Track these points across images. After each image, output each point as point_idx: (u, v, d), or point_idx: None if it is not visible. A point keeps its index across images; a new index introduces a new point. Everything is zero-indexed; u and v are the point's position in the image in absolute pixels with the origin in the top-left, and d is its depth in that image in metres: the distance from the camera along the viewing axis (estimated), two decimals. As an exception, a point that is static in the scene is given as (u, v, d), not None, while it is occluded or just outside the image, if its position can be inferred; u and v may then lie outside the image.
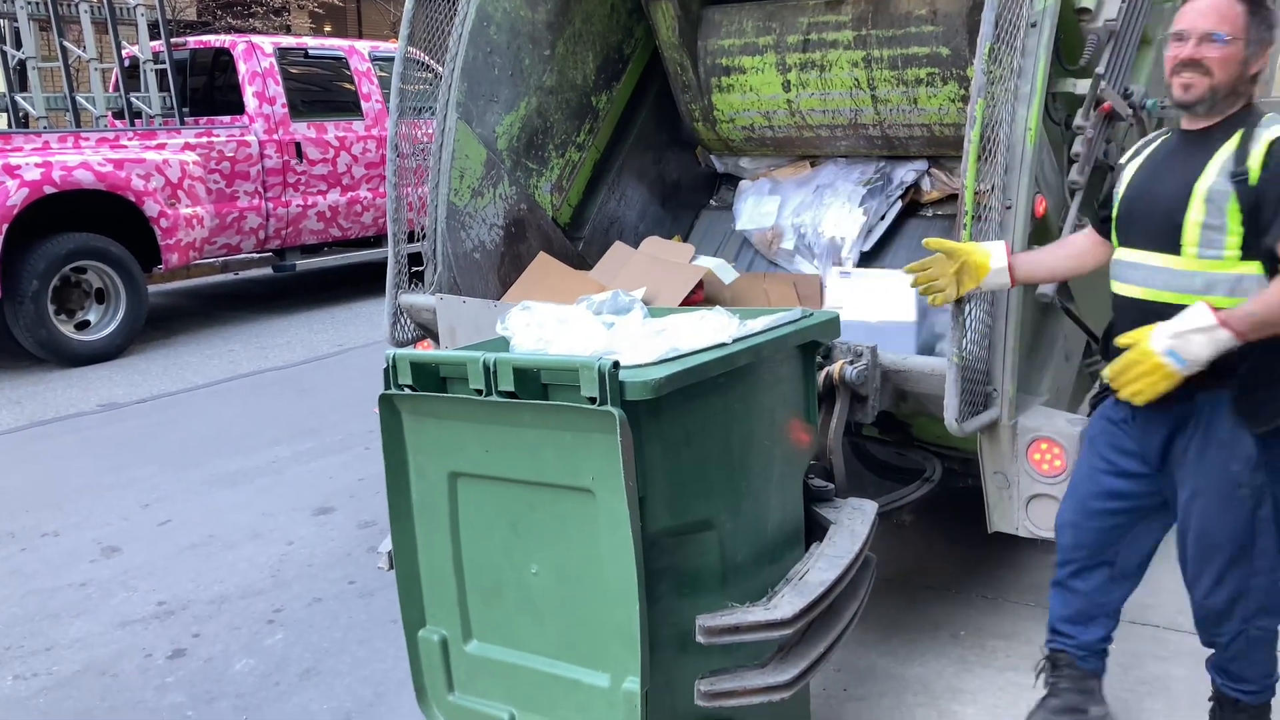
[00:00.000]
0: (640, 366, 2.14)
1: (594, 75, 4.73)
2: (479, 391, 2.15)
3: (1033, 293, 2.98)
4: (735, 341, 2.31)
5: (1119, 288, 2.53)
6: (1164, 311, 2.34)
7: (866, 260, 4.54)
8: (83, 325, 7.34)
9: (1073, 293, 3.28)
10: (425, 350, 2.34)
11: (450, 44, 4.25)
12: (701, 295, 4.42)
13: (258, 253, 9.02)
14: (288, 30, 17.76)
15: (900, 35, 4.22)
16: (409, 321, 4.17)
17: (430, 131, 4.20)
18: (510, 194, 4.40)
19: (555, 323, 2.44)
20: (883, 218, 4.58)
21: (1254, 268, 2.30)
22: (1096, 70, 2.97)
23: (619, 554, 2.02)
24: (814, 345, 2.59)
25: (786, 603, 2.24)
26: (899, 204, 4.57)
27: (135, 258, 7.49)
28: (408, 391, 2.28)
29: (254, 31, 14.88)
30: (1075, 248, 2.78)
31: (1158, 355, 2.28)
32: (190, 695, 3.17)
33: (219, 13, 17.14)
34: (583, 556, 2.12)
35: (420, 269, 4.22)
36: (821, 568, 2.38)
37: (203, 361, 7.36)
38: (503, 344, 2.50)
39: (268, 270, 10.45)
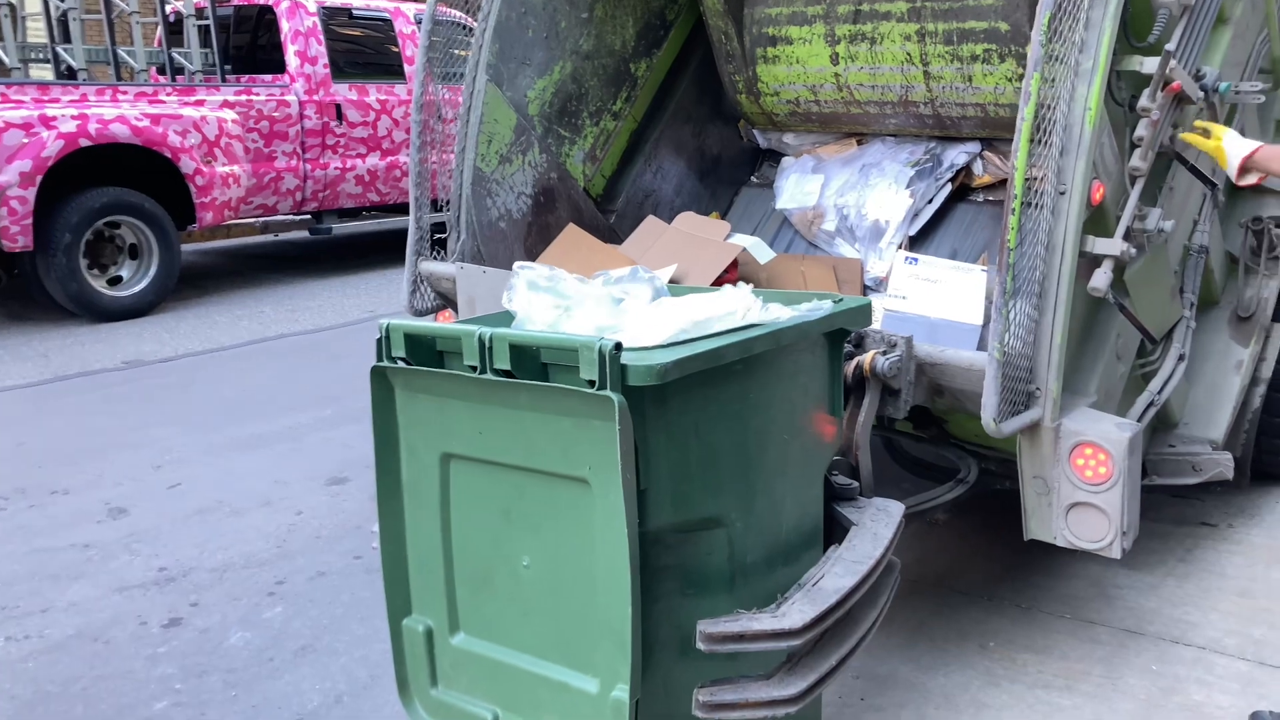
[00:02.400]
0: (646, 349, 1.97)
1: (634, 41, 4.54)
2: (474, 368, 2.00)
3: (1084, 286, 2.76)
4: (754, 326, 2.13)
5: None
6: None
7: (912, 246, 4.33)
8: (115, 281, 7.31)
9: (1129, 289, 3.06)
10: (422, 322, 2.19)
11: (483, 3, 4.08)
12: (735, 274, 4.24)
13: (294, 214, 8.95)
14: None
15: (957, 8, 3.99)
16: (429, 290, 4.03)
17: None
18: (540, 162, 4.24)
19: (564, 298, 2.27)
20: (930, 201, 4.36)
21: None
22: (1166, 47, 2.74)
23: (613, 551, 1.87)
24: (842, 333, 2.40)
25: (797, 610, 2.07)
26: (948, 187, 4.35)
27: (170, 215, 7.43)
28: (401, 365, 2.14)
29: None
30: None
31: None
32: (181, 667, 3.07)
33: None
34: (576, 551, 1.97)
35: (444, 236, 4.08)
36: (838, 573, 2.20)
37: (232, 322, 7.30)
38: (508, 318, 2.34)
39: (304, 233, 10.39)
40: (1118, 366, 3.10)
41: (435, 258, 4.08)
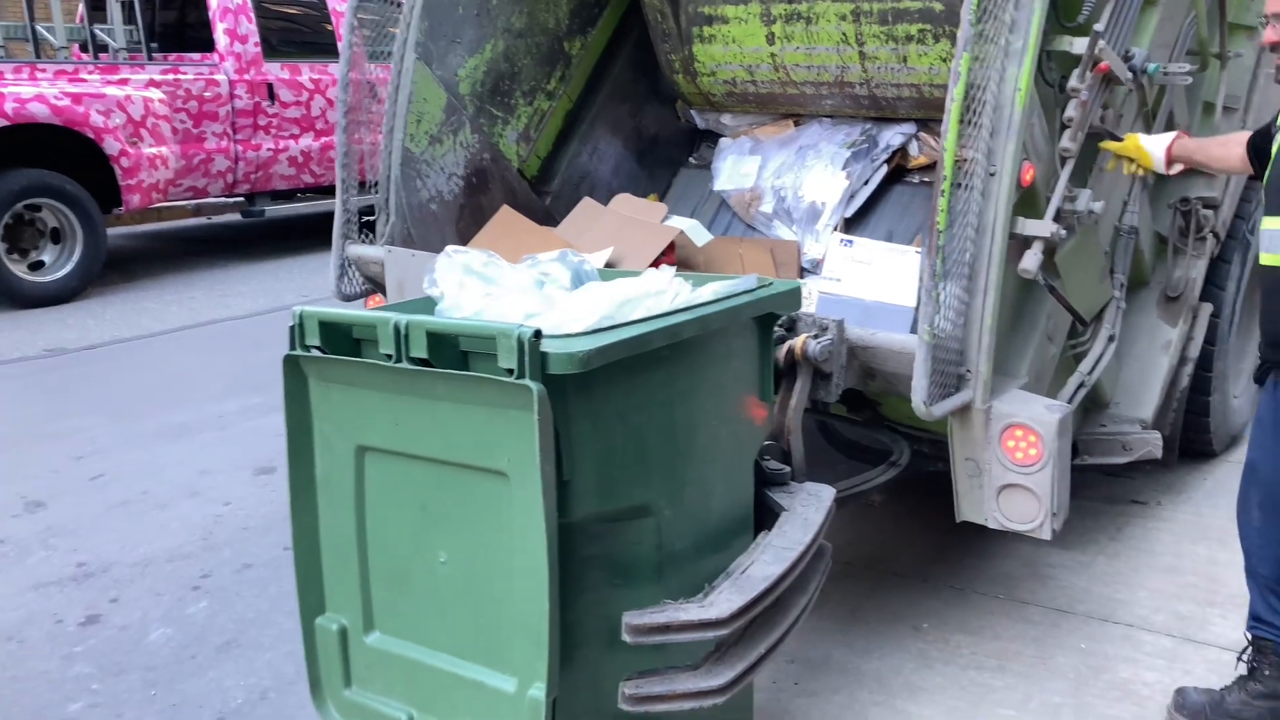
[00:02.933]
0: (569, 336, 1.92)
1: (567, 19, 4.46)
2: (389, 357, 1.93)
3: (1014, 268, 2.76)
4: (681, 311, 2.09)
5: (1267, 258, 2.50)
6: None
7: (848, 227, 4.31)
8: (37, 266, 7.07)
9: (1060, 270, 3.06)
10: (338, 308, 2.11)
11: (411, -21, 3.99)
12: (673, 258, 4.20)
13: (226, 197, 8.72)
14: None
15: (892, -13, 3.96)
16: (357, 274, 3.94)
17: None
18: (472, 142, 4.15)
19: (488, 283, 2.21)
20: (866, 182, 4.34)
21: None
22: (1095, 27, 2.73)
23: (531, 546, 1.82)
24: (772, 317, 2.37)
25: (725, 599, 2.04)
26: (884, 168, 4.33)
27: (95, 198, 7.20)
28: (315, 353, 2.07)
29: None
30: (1235, 151, 2.79)
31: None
32: (99, 666, 2.97)
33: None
34: (494, 547, 1.92)
35: (374, 219, 3.99)
36: (767, 560, 2.17)
37: (161, 308, 7.10)
38: (430, 304, 2.27)
39: (237, 216, 10.15)
40: (1049, 348, 3.11)
41: (364, 241, 3.99)
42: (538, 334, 1.80)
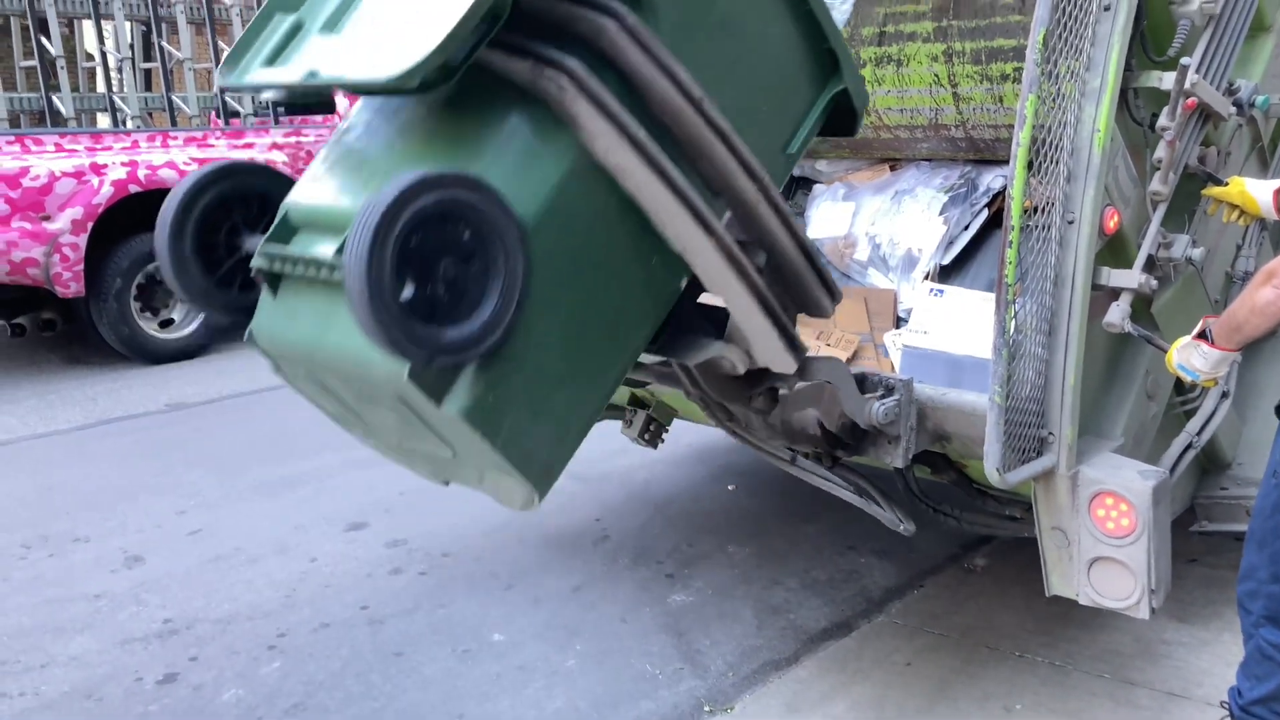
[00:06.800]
0: None
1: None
2: None
3: (1099, 322, 2.55)
4: None
5: None
6: None
7: (946, 275, 4.11)
8: (167, 323, 7.40)
9: (1159, 322, 2.83)
10: None
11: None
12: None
13: (345, 253, 8.97)
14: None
15: (984, 26, 3.79)
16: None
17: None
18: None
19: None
20: (966, 228, 4.13)
21: None
22: (1182, 61, 2.52)
23: None
24: None
25: None
26: (985, 213, 4.11)
27: (221, 256, 7.50)
28: None
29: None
30: None
31: (1173, 368, 2.43)
32: (168, 727, 3.00)
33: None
34: None
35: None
36: None
37: (280, 362, 7.33)
38: None
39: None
40: (1149, 406, 2.86)
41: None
42: None
